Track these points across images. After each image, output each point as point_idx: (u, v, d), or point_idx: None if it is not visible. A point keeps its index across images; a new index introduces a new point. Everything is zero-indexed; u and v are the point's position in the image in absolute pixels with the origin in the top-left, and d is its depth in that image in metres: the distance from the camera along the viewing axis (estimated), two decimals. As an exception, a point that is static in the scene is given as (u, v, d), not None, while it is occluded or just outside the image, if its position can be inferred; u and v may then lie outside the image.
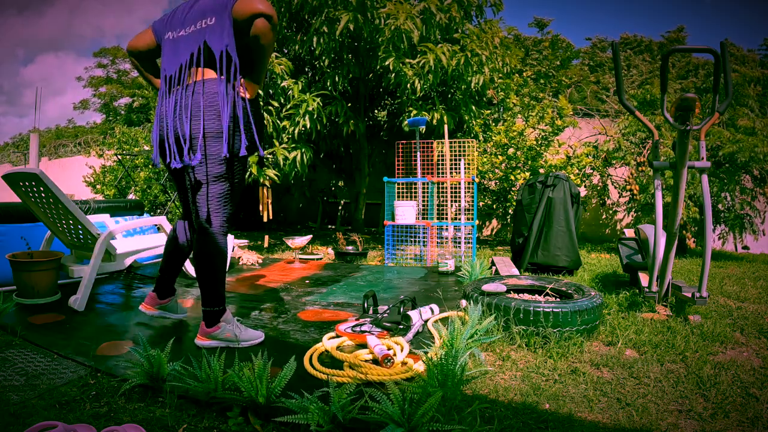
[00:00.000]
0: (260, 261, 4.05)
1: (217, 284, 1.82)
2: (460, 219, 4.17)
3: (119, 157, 7.67)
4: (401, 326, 2.05)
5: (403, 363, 1.64)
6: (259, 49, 1.70)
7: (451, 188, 4.39)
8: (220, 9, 1.70)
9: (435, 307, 2.29)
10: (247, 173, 4.21)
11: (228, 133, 1.71)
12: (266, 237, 5.19)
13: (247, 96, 1.78)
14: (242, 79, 1.77)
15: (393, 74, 4.38)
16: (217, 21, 1.71)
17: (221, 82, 1.70)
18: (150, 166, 7.65)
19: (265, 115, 4.28)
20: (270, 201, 4.57)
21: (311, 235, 4.35)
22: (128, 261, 2.80)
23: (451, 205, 4.41)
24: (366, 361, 1.67)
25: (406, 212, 4.09)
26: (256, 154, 1.81)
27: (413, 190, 4.48)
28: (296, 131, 4.34)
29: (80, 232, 2.58)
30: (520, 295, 2.34)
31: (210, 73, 1.73)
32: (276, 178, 4.34)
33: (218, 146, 1.71)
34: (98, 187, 8.27)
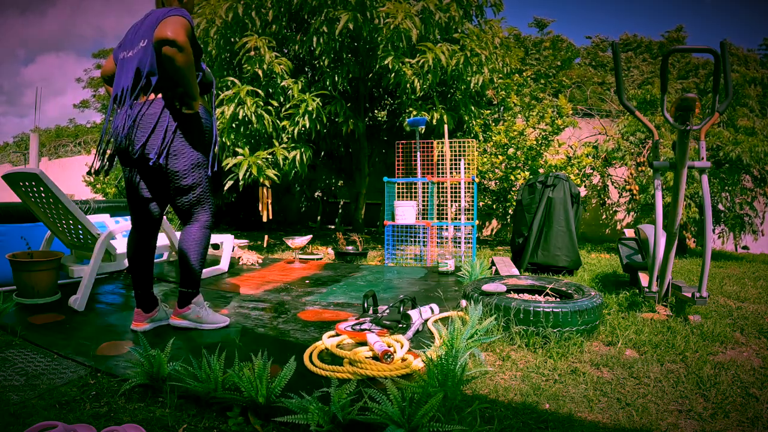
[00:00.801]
0: (260, 261, 4.05)
1: (195, 269, 2.02)
2: (460, 219, 4.17)
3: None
4: (401, 325, 2.05)
5: (403, 359, 1.65)
6: (174, 70, 1.78)
7: (451, 188, 4.39)
8: (149, 31, 1.82)
9: (435, 306, 2.29)
10: (247, 173, 4.21)
11: (166, 148, 1.85)
12: (266, 237, 5.19)
13: (189, 111, 1.89)
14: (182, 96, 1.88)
15: (392, 74, 4.38)
16: (147, 43, 1.83)
17: (155, 103, 1.85)
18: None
19: (265, 114, 4.28)
20: (270, 201, 4.57)
21: (311, 235, 4.35)
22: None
23: (451, 205, 4.41)
24: (366, 357, 1.67)
25: (406, 212, 4.09)
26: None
27: (413, 190, 4.48)
28: (296, 131, 4.35)
29: (80, 232, 2.58)
30: (520, 295, 2.34)
31: (150, 95, 1.87)
32: (276, 178, 4.33)
33: (173, 161, 1.89)
34: (98, 186, 8.26)
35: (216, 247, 3.76)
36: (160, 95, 1.87)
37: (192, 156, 1.93)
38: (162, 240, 3.08)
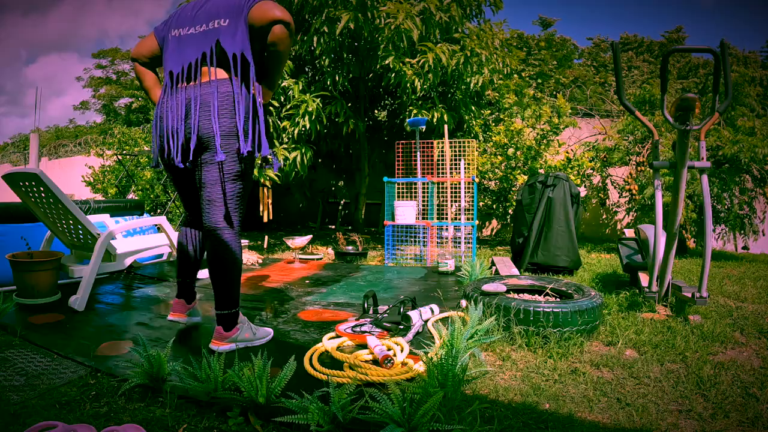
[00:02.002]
0: (260, 261, 4.05)
1: (234, 286, 1.79)
2: (460, 219, 4.17)
3: (119, 157, 7.67)
4: (401, 326, 2.05)
5: (403, 364, 1.64)
6: (275, 55, 1.69)
7: (451, 188, 4.39)
8: (235, 11, 1.68)
9: (435, 307, 2.29)
10: None
11: (243, 132, 1.69)
12: (266, 237, 5.19)
13: (261, 101, 1.77)
14: (259, 85, 1.76)
15: (393, 74, 4.38)
16: (231, 23, 1.68)
17: (235, 83, 1.69)
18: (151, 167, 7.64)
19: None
20: (270, 201, 4.57)
21: (311, 235, 4.35)
22: (128, 261, 2.80)
23: (451, 205, 4.41)
24: (366, 361, 1.66)
25: (406, 212, 4.09)
26: (260, 155, 1.78)
27: (413, 190, 4.48)
28: (296, 131, 4.34)
29: (80, 232, 2.58)
30: (520, 295, 2.35)
31: (222, 74, 1.71)
32: (276, 178, 4.34)
33: (234, 145, 1.69)
34: (98, 186, 8.26)
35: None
36: (237, 78, 1.68)
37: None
38: (162, 240, 3.08)
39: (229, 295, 1.78)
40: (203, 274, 2.92)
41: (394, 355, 1.67)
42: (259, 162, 4.18)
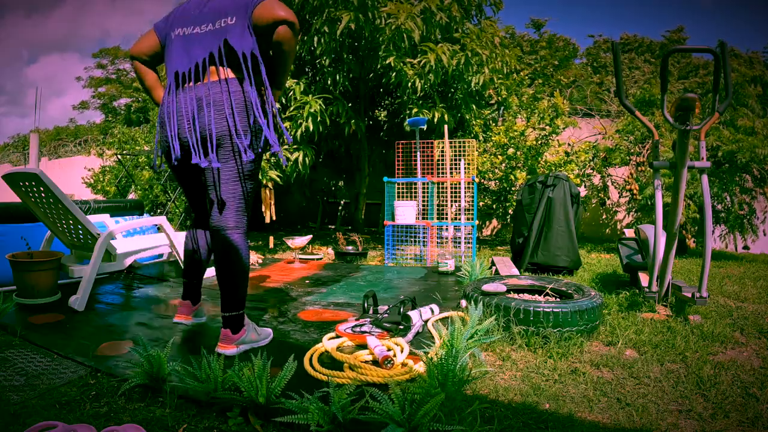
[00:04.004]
0: (260, 261, 4.05)
1: (242, 287, 1.78)
2: (460, 219, 4.17)
3: (119, 157, 7.67)
4: (401, 326, 2.05)
5: (404, 364, 1.64)
6: (281, 54, 1.68)
7: (451, 188, 4.39)
8: (240, 10, 1.66)
9: (435, 307, 2.29)
10: None
11: (253, 131, 1.69)
12: (271, 238, 5.19)
13: (273, 100, 1.76)
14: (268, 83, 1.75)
15: (394, 73, 4.38)
16: (238, 21, 1.66)
17: (245, 82, 1.68)
18: (150, 168, 7.64)
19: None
20: (273, 202, 4.57)
21: (311, 235, 4.35)
22: (128, 261, 2.80)
23: (451, 205, 4.41)
24: (366, 362, 1.66)
25: (406, 212, 4.09)
26: (268, 154, 1.77)
27: (413, 190, 4.48)
28: (299, 133, 4.35)
29: (80, 232, 2.58)
30: (520, 295, 2.34)
31: (230, 73, 1.70)
32: (278, 179, 4.34)
33: (246, 144, 1.68)
34: (98, 186, 8.26)
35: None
36: (246, 78, 1.68)
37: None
38: (162, 240, 3.08)
39: (237, 296, 1.77)
40: (208, 272, 2.92)
41: (394, 356, 1.67)
42: (268, 157, 4.18)
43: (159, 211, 7.31)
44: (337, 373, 1.56)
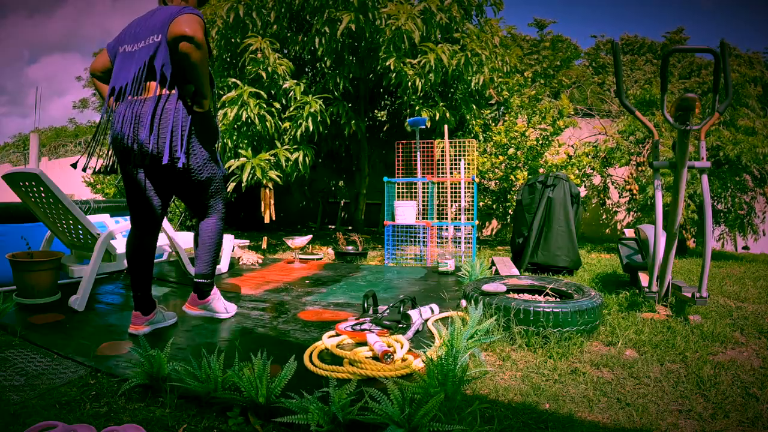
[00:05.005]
0: (260, 261, 4.05)
1: (216, 259, 2.16)
2: (460, 219, 4.17)
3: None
4: (401, 325, 2.05)
5: (403, 360, 1.65)
6: (188, 67, 1.79)
7: (451, 188, 4.38)
8: (165, 26, 1.82)
9: (435, 306, 2.29)
10: (250, 175, 4.21)
11: (181, 141, 1.84)
12: (265, 239, 5.18)
13: (200, 110, 1.91)
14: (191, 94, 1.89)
15: (394, 74, 4.38)
16: (162, 38, 1.83)
17: (166, 97, 1.84)
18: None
19: (267, 116, 4.28)
20: (272, 202, 4.57)
21: (311, 235, 4.35)
22: (128, 261, 2.79)
23: (451, 205, 4.41)
24: (366, 357, 1.67)
25: (406, 212, 4.09)
26: (186, 163, 1.92)
27: (413, 190, 4.48)
28: (298, 133, 4.35)
29: (80, 232, 2.58)
30: (520, 295, 2.34)
31: (158, 88, 1.85)
32: (278, 179, 4.34)
33: (192, 158, 1.92)
34: (98, 186, 8.26)
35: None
36: (174, 91, 1.86)
37: (203, 152, 1.97)
38: (162, 240, 3.08)
39: (211, 266, 2.13)
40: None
41: (394, 351, 1.68)
42: (258, 163, 4.19)
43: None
44: (337, 368, 1.56)
